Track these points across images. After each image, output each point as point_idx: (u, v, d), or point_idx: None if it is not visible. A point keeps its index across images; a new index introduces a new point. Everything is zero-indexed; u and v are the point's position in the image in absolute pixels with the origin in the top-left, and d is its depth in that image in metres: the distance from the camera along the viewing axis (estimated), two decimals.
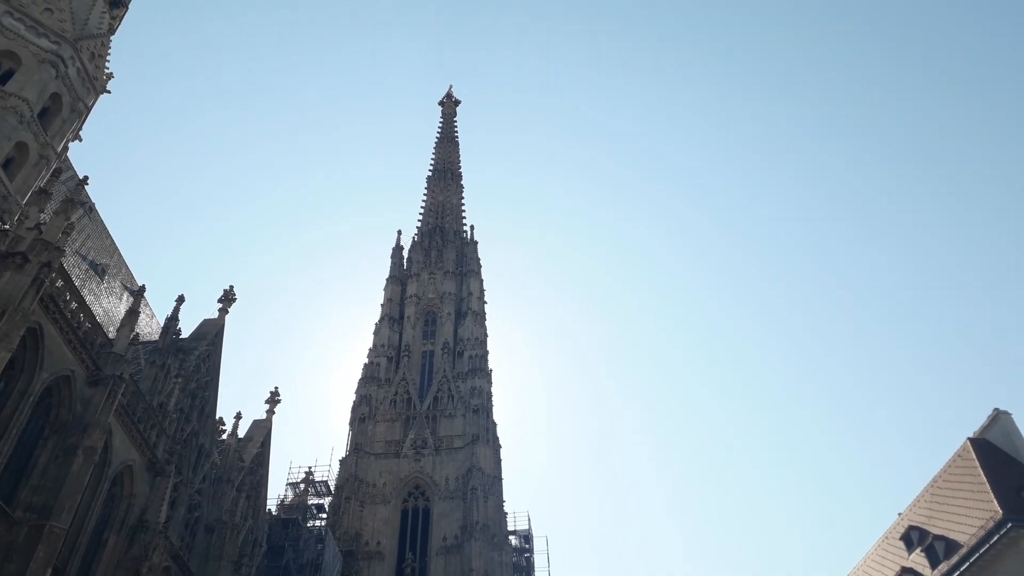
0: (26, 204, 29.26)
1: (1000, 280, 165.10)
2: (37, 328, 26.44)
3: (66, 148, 35.45)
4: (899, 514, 45.95)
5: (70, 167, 38.07)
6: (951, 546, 37.78)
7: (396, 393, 71.24)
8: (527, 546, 66.99)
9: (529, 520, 68.50)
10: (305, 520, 55.63)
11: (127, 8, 39.78)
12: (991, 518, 35.25)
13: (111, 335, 31.66)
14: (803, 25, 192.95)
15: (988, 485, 37.30)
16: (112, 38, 38.30)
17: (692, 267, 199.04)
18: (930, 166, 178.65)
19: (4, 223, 28.75)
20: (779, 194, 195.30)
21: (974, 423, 43.62)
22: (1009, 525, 33.98)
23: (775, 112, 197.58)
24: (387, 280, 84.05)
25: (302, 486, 60.87)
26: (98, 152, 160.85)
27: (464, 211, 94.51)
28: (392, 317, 79.18)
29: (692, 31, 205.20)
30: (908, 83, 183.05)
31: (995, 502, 35.83)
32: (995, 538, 34.43)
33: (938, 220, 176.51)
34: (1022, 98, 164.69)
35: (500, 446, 68.89)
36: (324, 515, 60.22)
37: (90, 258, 40.22)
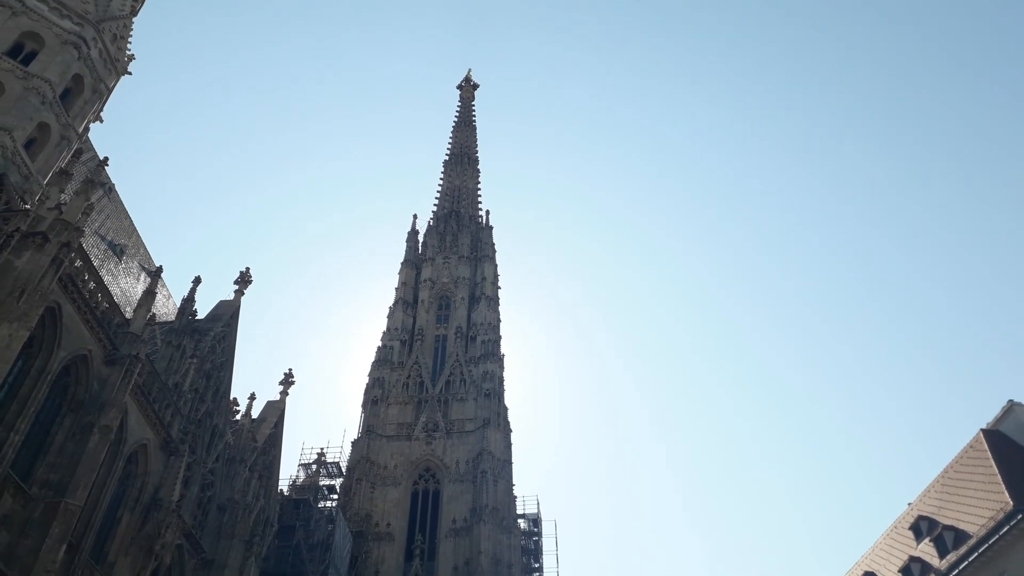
0: (47, 184, 29.59)
1: (1015, 271, 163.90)
2: (56, 307, 26.79)
3: (87, 129, 35.70)
4: (909, 504, 45.96)
5: (91, 148, 38.36)
6: (960, 536, 37.78)
7: (409, 376, 71.55)
8: (536, 529, 67.32)
9: (538, 504, 68.81)
10: (316, 501, 56.05)
11: None
12: (1001, 509, 35.21)
13: (128, 315, 32.01)
14: (827, 25, 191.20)
15: (1000, 476, 37.23)
16: (134, 20, 38.45)
17: (705, 258, 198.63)
18: (939, 156, 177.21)
19: (25, 203, 29.09)
20: (792, 187, 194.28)
21: (988, 414, 43.52)
22: (1020, 516, 33.93)
23: (791, 106, 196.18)
24: (402, 264, 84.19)
25: (314, 467, 61.28)
26: (118, 133, 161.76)
27: (480, 196, 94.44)
28: (406, 301, 79.40)
29: (716, 22, 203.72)
30: (922, 75, 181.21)
31: (1006, 493, 35.78)
32: (1005, 529, 34.40)
33: (950, 210, 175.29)
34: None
35: (511, 430, 69.30)
36: (335, 496, 60.61)
37: (109, 238, 40.61)
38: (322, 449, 62.90)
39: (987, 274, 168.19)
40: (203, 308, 41.70)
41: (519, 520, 65.01)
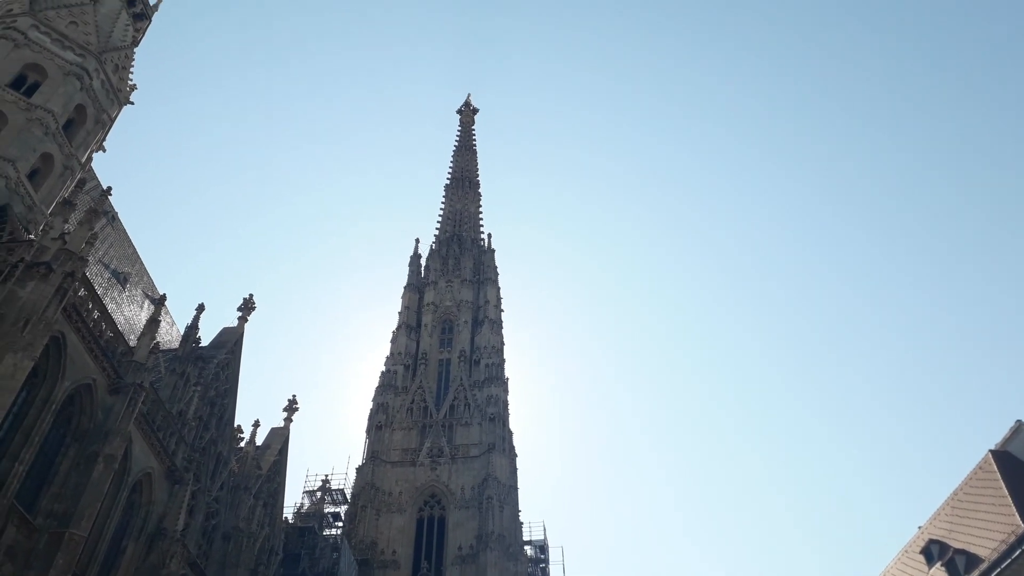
0: (51, 214, 29.72)
1: (1022, 289, 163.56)
2: (60, 337, 26.77)
3: (90, 159, 35.91)
4: (919, 527, 45.58)
5: (94, 177, 38.57)
6: (972, 560, 37.44)
7: (413, 401, 71.21)
8: (542, 556, 66.74)
9: (544, 530, 68.48)
10: (321, 528, 55.77)
11: (150, 21, 40.29)
12: (1013, 532, 34.95)
13: (132, 343, 32.01)
14: (819, 30, 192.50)
15: (1010, 498, 36.97)
16: (135, 50, 38.77)
17: (712, 279, 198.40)
18: (950, 171, 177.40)
19: (29, 233, 29.16)
20: (800, 207, 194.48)
21: (996, 435, 43.27)
22: None
23: (793, 120, 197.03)
24: (404, 288, 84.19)
25: (318, 494, 61.06)
26: (121, 162, 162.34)
27: (482, 219, 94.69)
28: (409, 325, 79.36)
29: (712, 41, 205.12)
30: (920, 80, 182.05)
31: (1017, 516, 35.51)
32: (1017, 552, 34.12)
33: (960, 228, 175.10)
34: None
35: (516, 455, 68.75)
36: (340, 523, 60.31)
37: (112, 267, 40.69)
38: (326, 476, 62.80)
39: (994, 293, 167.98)
40: (207, 335, 41.75)
41: (525, 547, 64.39)
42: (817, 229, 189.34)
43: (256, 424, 44.51)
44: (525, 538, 64.99)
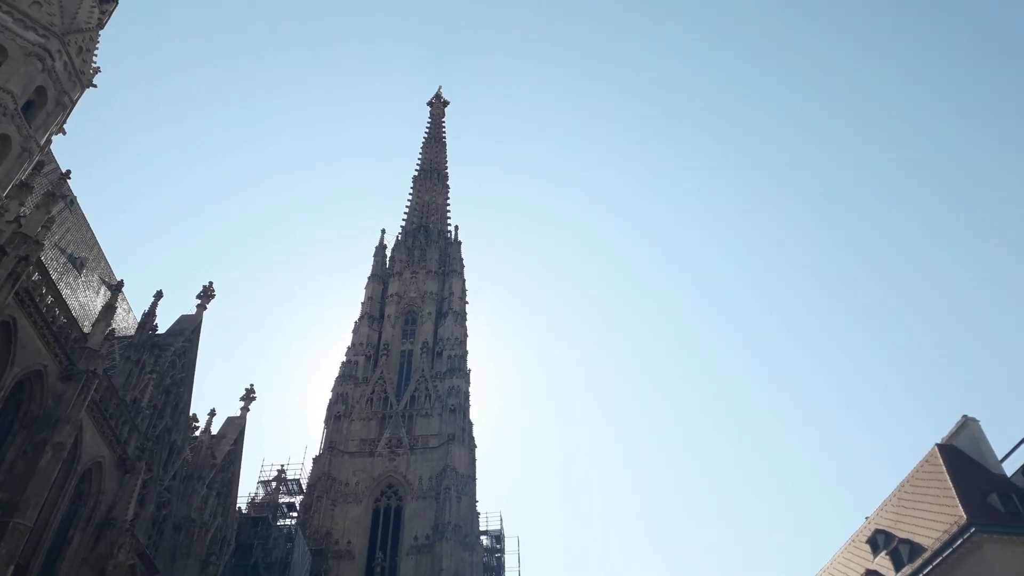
0: (6, 197, 29.17)
1: (972, 287, 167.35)
2: (11, 322, 26.40)
3: (49, 141, 35.25)
4: (867, 518, 46.65)
5: (53, 160, 37.94)
6: (916, 549, 38.48)
7: (373, 392, 70.96)
8: (498, 546, 67.21)
9: (501, 520, 68.84)
10: (276, 519, 55.47)
11: (117, 3, 39.60)
12: (955, 523, 35.97)
13: (86, 329, 31.56)
14: (798, 32, 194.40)
15: (954, 490, 38.06)
16: (100, 32, 38.15)
17: (669, 269, 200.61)
18: (901, 167, 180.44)
19: None
20: (758, 203, 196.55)
21: (943, 429, 44.38)
22: (973, 530, 34.75)
23: (759, 118, 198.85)
24: (368, 278, 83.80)
25: (274, 484, 60.72)
26: (82, 146, 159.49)
27: (449, 211, 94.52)
28: (372, 316, 79.02)
29: (682, 34, 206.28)
30: (915, 79, 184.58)
31: (960, 507, 36.58)
32: (959, 542, 35.16)
33: (911, 225, 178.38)
34: (994, 103, 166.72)
35: (475, 446, 68.97)
36: (295, 514, 60.04)
37: (69, 251, 40.11)
38: (282, 466, 62.46)
39: (945, 289, 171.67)
40: (164, 323, 41.33)
41: (482, 537, 64.78)
42: (775, 229, 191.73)
43: (212, 413, 44.26)
44: (482, 528, 65.38)
